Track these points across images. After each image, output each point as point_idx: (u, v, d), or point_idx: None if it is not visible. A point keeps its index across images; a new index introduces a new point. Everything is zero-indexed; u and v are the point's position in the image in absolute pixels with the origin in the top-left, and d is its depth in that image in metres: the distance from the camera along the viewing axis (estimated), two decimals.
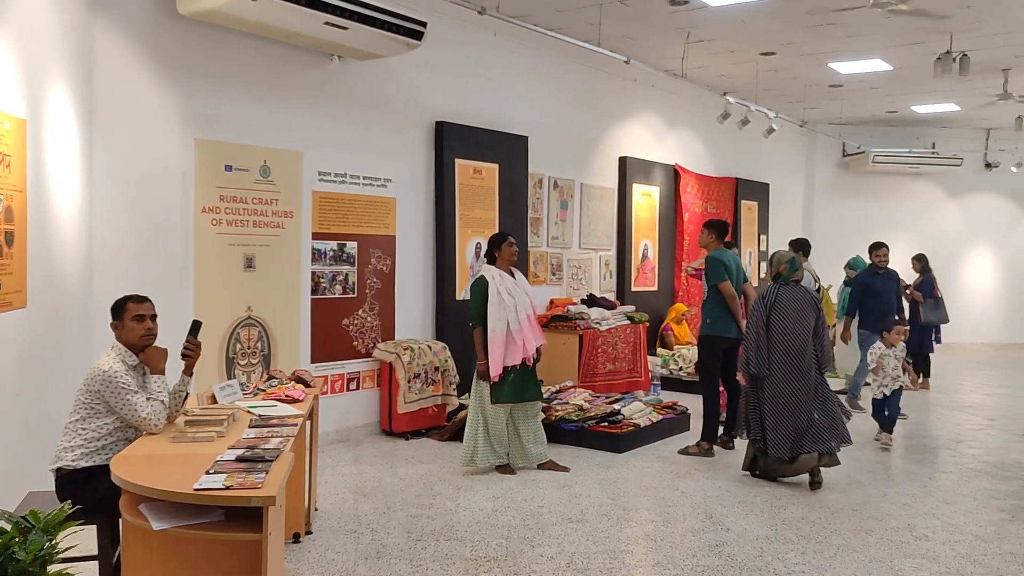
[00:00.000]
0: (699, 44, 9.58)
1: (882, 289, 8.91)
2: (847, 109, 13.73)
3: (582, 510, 5.58)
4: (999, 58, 10.14)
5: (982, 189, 16.09)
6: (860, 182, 15.50)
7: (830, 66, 10.66)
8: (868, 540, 5.10)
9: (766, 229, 13.68)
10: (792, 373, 6.14)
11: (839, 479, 6.48)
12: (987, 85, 11.44)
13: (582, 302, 9.45)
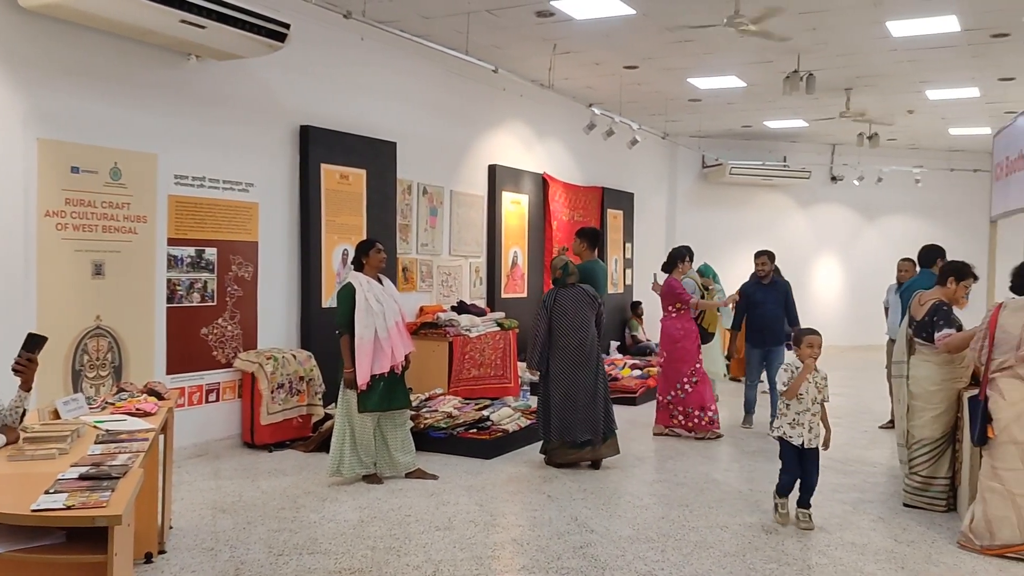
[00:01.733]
0: (566, 56, 9.79)
1: (763, 300, 8.57)
2: (706, 122, 14.34)
3: (449, 517, 5.58)
4: (842, 78, 10.81)
5: (829, 200, 17.12)
6: (719, 192, 16.20)
7: (689, 81, 11.10)
8: (723, 536, 5.32)
9: (631, 237, 14.09)
10: (572, 367, 6.82)
11: (696, 478, 6.74)
12: (831, 103, 12.18)
13: (452, 309, 9.46)
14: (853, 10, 8.05)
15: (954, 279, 6.02)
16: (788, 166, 16.07)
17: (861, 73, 10.58)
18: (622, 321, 13.35)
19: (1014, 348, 5.02)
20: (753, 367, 8.75)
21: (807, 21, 8.35)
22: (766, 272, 8.66)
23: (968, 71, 10.38)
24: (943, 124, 14.23)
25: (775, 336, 8.51)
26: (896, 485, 6.44)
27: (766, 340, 8.57)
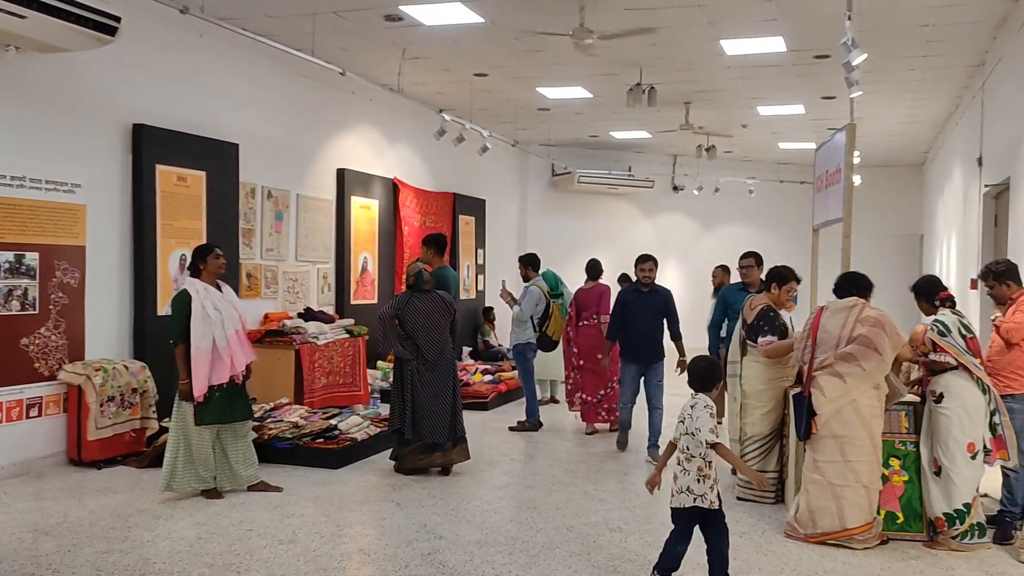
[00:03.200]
0: (415, 61, 9.75)
1: (640, 311, 7.61)
2: (555, 131, 14.65)
3: (294, 530, 5.42)
4: (681, 92, 11.31)
5: (671, 209, 17.86)
6: (568, 200, 16.58)
7: (538, 90, 11.31)
8: (569, 536, 5.42)
9: (483, 243, 14.19)
10: (425, 369, 6.83)
11: (545, 480, 6.85)
12: (672, 116, 12.71)
13: (299, 316, 9.22)
14: (690, 28, 8.44)
15: (776, 284, 6.43)
16: (633, 175, 16.65)
17: (699, 88, 11.10)
18: (474, 326, 13.41)
19: (834, 347, 5.38)
20: (628, 386, 7.79)
21: (648, 37, 8.69)
22: (651, 280, 7.73)
23: (794, 89, 11.09)
24: (773, 139, 15.14)
25: (653, 351, 7.62)
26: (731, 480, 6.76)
27: (643, 356, 7.65)
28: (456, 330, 7.12)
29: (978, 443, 5.29)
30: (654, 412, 7.63)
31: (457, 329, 7.16)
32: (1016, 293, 5.60)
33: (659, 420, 7.64)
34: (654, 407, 7.64)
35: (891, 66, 9.77)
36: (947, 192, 13.20)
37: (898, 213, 18.08)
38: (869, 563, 5.01)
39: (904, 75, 10.28)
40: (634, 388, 7.78)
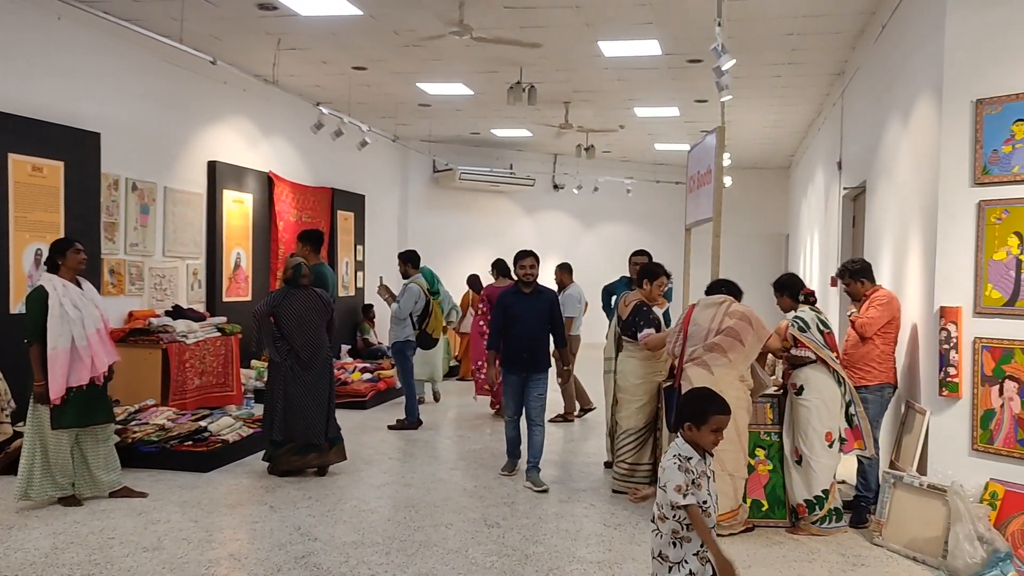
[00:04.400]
0: (291, 52, 9.50)
1: (523, 313, 6.73)
2: (436, 128, 14.59)
3: (159, 537, 5.19)
4: (561, 92, 11.45)
5: (551, 207, 18.09)
6: (450, 197, 16.54)
7: (418, 86, 11.22)
8: (447, 533, 5.40)
9: (362, 239, 13.98)
10: (299, 368, 6.66)
11: (423, 478, 6.81)
12: (553, 115, 12.86)
13: (167, 314, 8.82)
14: (569, 28, 8.54)
15: (648, 281, 6.61)
16: (514, 173, 16.77)
17: (578, 88, 11.27)
18: (353, 324, 13.20)
19: (703, 340, 5.57)
20: (513, 398, 6.82)
21: (528, 36, 8.74)
22: (533, 279, 6.81)
23: (669, 92, 11.41)
24: (650, 140, 15.55)
25: (538, 360, 6.70)
26: (608, 473, 6.91)
27: (526, 364, 6.69)
28: (333, 329, 6.97)
29: (835, 433, 5.57)
30: (534, 430, 6.72)
31: (334, 328, 7.01)
32: (870, 290, 5.93)
33: (540, 439, 6.73)
34: (534, 424, 6.72)
35: (759, 72, 10.18)
36: (810, 194, 13.88)
37: (766, 213, 18.90)
38: (735, 549, 5.20)
39: (771, 81, 10.72)
40: (518, 400, 6.81)
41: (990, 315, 5.14)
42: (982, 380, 5.14)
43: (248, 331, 9.14)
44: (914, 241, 6.07)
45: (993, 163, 5.13)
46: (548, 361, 6.82)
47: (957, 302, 5.27)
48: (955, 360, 5.23)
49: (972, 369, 5.19)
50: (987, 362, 5.11)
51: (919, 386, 5.75)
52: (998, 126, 5.11)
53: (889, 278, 6.73)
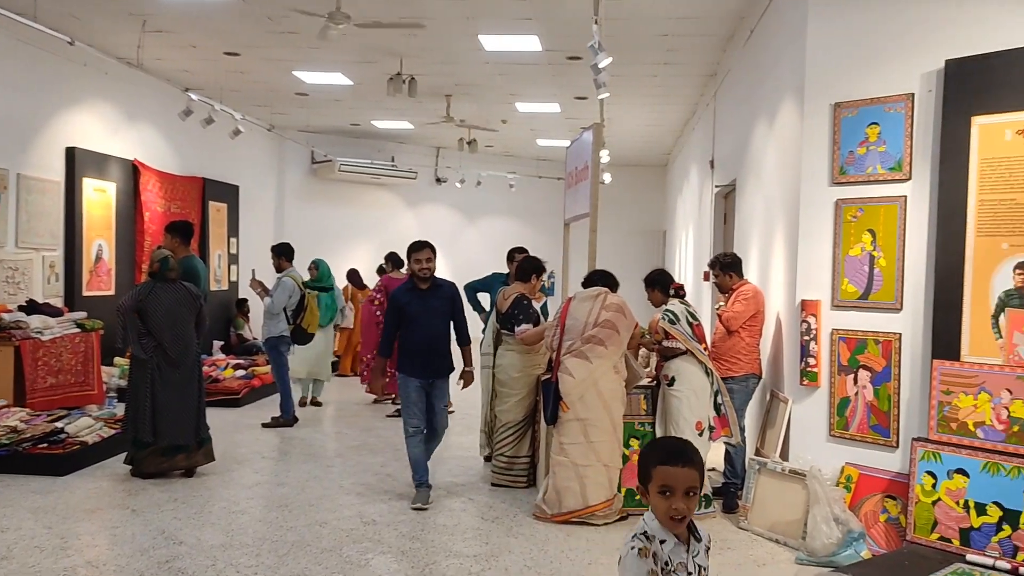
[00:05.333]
0: (157, 35, 9.06)
1: (420, 311, 5.94)
2: (314, 118, 14.25)
3: (8, 546, 4.86)
4: (442, 84, 11.38)
5: (434, 201, 17.98)
6: (329, 189, 16.20)
7: (295, 74, 10.92)
8: (321, 532, 5.28)
9: (236, 232, 13.51)
10: (168, 367, 6.40)
11: (298, 477, 6.63)
12: (434, 107, 12.77)
13: (20, 309, 8.26)
14: (449, 21, 8.49)
15: (536, 275, 6.67)
16: (396, 166, 16.58)
17: (459, 81, 11.22)
18: (226, 319, 12.75)
19: (580, 333, 5.64)
20: (414, 406, 5.97)
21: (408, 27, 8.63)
22: (430, 273, 6.02)
23: (550, 88, 11.51)
24: (532, 135, 15.67)
25: (440, 363, 5.99)
26: (487, 467, 6.91)
27: (427, 368, 5.94)
28: (203, 325, 6.69)
29: (705, 422, 5.75)
30: (431, 441, 6.15)
31: (205, 323, 6.72)
32: (736, 284, 6.15)
33: (434, 445, 6.22)
34: (434, 427, 6.09)
35: (636, 71, 10.39)
36: (685, 191, 14.31)
37: (644, 210, 19.38)
38: (610, 538, 5.29)
39: (648, 80, 10.97)
40: (420, 409, 5.98)
41: (846, 308, 5.40)
42: (838, 369, 5.40)
43: (111, 327, 8.65)
44: (778, 237, 6.32)
45: (849, 164, 5.40)
46: (452, 364, 6.06)
47: (817, 295, 5.52)
48: (814, 351, 5.48)
49: (830, 359, 5.45)
50: (843, 352, 5.38)
51: (782, 376, 6.00)
52: (854, 129, 5.37)
53: (756, 272, 6.99)
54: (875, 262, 5.27)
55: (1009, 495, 4.42)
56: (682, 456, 2.34)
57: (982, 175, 4.75)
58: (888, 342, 5.17)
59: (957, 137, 4.86)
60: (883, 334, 5.20)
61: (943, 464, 4.70)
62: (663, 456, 2.35)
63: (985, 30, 4.84)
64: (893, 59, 5.23)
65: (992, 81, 4.73)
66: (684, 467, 2.32)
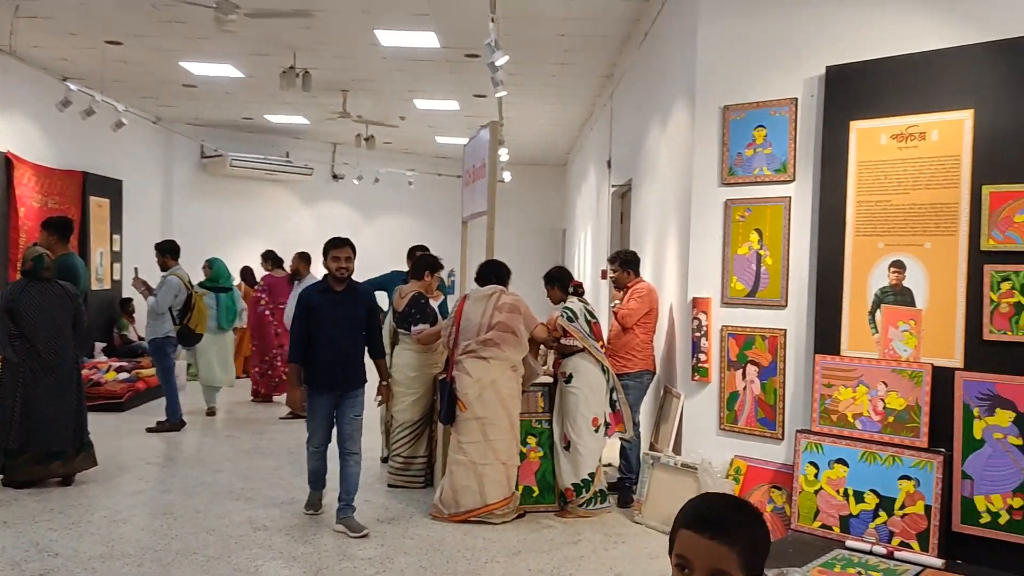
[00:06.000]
0: (32, 20, 8.56)
1: (332, 317, 5.37)
2: (204, 111, 13.77)
3: None
4: (338, 79, 11.17)
5: (330, 198, 17.65)
6: (220, 185, 15.68)
7: (182, 65, 10.52)
8: (208, 540, 5.09)
9: (120, 228, 12.92)
10: (42, 370, 6.09)
11: (185, 482, 6.39)
12: (330, 103, 12.52)
13: None
14: (344, 14, 8.33)
15: (430, 272, 6.61)
16: (291, 162, 16.18)
17: (356, 77, 11.04)
18: (109, 320, 12.18)
19: (476, 334, 5.62)
20: (320, 423, 5.48)
21: (302, 19, 8.43)
22: (348, 275, 5.49)
23: (449, 85, 11.45)
24: (431, 132, 15.56)
25: (353, 375, 5.43)
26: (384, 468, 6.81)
27: (338, 380, 5.39)
28: (81, 326, 6.35)
29: (601, 418, 5.82)
30: (348, 459, 5.45)
31: (83, 325, 6.38)
32: (632, 282, 6.25)
33: (356, 471, 5.48)
34: (348, 452, 5.45)
35: (534, 71, 10.44)
36: (584, 191, 14.48)
37: (544, 208, 19.53)
38: (507, 536, 5.30)
39: (546, 80, 11.04)
40: (327, 426, 5.51)
41: (735, 305, 5.56)
42: (728, 365, 5.55)
43: None
44: (671, 236, 6.46)
45: (738, 165, 5.55)
46: (365, 374, 5.52)
47: (707, 293, 5.66)
48: (705, 347, 5.61)
49: (719, 355, 5.60)
50: (732, 348, 5.53)
51: (675, 372, 6.13)
52: (742, 131, 5.53)
53: (651, 271, 7.13)
54: (762, 261, 5.44)
55: (885, 483, 4.63)
56: (712, 524, 1.66)
57: (860, 177, 4.96)
58: (774, 338, 5.35)
59: (837, 141, 5.05)
60: (769, 330, 5.37)
61: (825, 455, 4.88)
62: (689, 517, 1.70)
63: (864, 38, 5.04)
64: (778, 64, 5.41)
65: (869, 87, 4.94)
66: (712, 539, 1.64)
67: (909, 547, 4.46)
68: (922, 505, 4.48)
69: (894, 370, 4.73)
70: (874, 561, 4.34)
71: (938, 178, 4.65)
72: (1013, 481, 4.27)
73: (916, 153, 4.74)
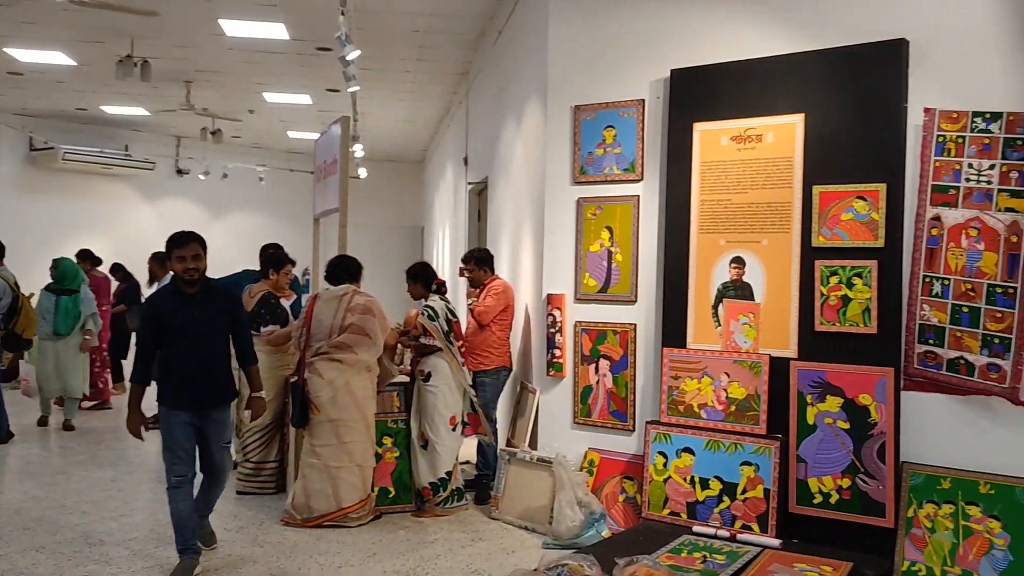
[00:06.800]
0: None
1: (187, 324, 4.54)
2: (32, 100, 12.84)
3: None
4: (180, 69, 10.66)
5: (175, 194, 16.83)
6: (52, 179, 14.64)
7: (6, 51, 9.76)
8: (38, 558, 4.74)
9: None
10: None
11: (13, 498, 5.94)
12: (173, 94, 11.94)
13: None
14: (185, 2, 7.95)
15: (274, 270, 6.40)
16: (131, 156, 15.32)
17: (200, 67, 10.58)
18: None
19: (327, 335, 5.49)
20: (181, 446, 4.54)
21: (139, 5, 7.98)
22: (197, 276, 4.61)
23: (300, 79, 11.15)
24: (282, 127, 15.12)
25: (217, 390, 4.67)
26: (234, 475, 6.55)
27: (199, 398, 4.59)
28: None
29: (459, 416, 5.81)
30: (212, 482, 4.83)
31: None
32: (488, 279, 6.27)
33: (217, 494, 4.93)
34: (214, 474, 4.79)
35: (389, 66, 10.32)
36: (442, 188, 14.45)
37: (403, 206, 19.36)
38: (362, 539, 5.20)
39: (401, 76, 10.94)
40: (189, 449, 4.60)
41: (588, 301, 5.67)
42: (581, 360, 5.66)
43: None
44: (527, 234, 6.52)
45: (589, 164, 5.67)
46: (234, 389, 4.87)
47: (561, 289, 5.75)
48: (560, 342, 5.71)
49: (573, 350, 5.70)
50: (585, 343, 5.65)
51: (531, 368, 6.20)
52: (592, 131, 5.65)
53: (507, 268, 7.18)
54: (613, 257, 5.58)
55: (728, 469, 4.85)
56: None
57: (703, 177, 5.16)
58: (625, 332, 5.49)
59: (681, 142, 5.24)
60: (620, 325, 5.52)
61: (673, 444, 5.06)
62: None
63: (707, 43, 5.24)
64: (627, 66, 5.56)
65: (710, 91, 5.15)
66: None
67: (750, 529, 4.69)
68: (762, 489, 4.72)
69: (735, 361, 4.95)
70: (719, 544, 4.53)
71: (773, 178, 4.91)
72: (842, 463, 4.56)
73: (754, 154, 4.98)
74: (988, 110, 4.27)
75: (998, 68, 4.29)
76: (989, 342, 4.22)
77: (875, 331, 4.53)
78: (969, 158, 4.31)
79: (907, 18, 4.53)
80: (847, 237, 4.64)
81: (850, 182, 4.63)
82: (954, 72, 4.40)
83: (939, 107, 4.40)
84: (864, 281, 4.57)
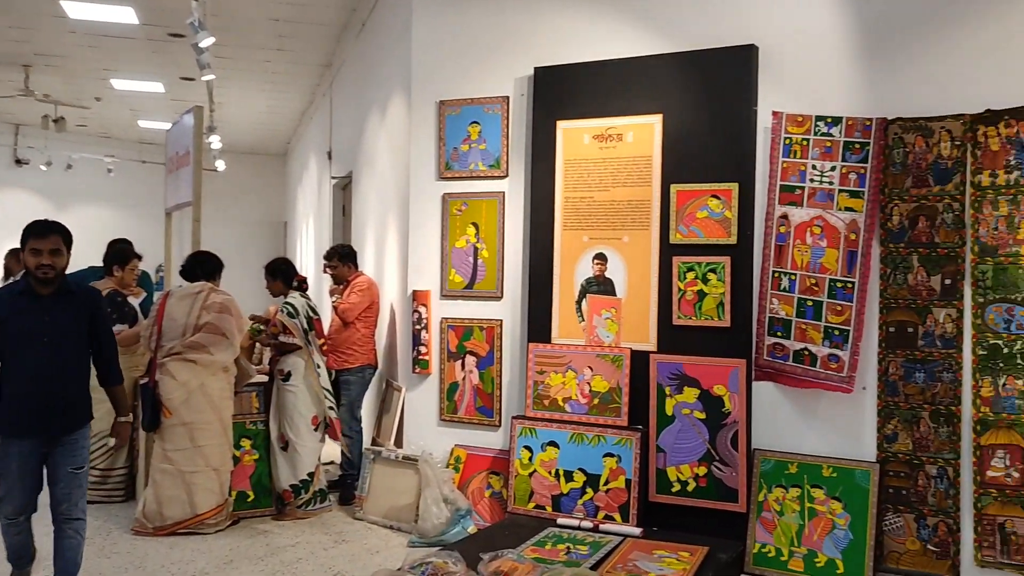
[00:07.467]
0: None
1: (34, 330, 3.81)
2: None
3: None
4: (18, 52, 9.95)
5: (14, 186, 15.71)
6: None
7: None
8: None
9: None
10: None
11: None
12: (10, 79, 11.13)
13: None
14: None
15: (119, 266, 6.06)
16: None
17: (40, 51, 9.91)
18: None
19: (181, 335, 5.23)
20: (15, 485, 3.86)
21: None
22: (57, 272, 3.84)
23: (151, 65, 10.62)
24: (132, 116, 14.36)
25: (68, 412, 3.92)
26: None
27: (46, 421, 3.83)
28: None
29: (320, 416, 5.67)
30: (66, 528, 3.98)
31: None
32: (352, 276, 6.15)
33: (77, 544, 4.03)
34: (66, 518, 3.97)
35: (248, 55, 9.97)
36: (305, 182, 14.09)
37: (264, 200, 18.76)
38: (219, 545, 5.00)
39: (261, 66, 10.59)
40: (30, 486, 3.91)
41: (454, 297, 5.65)
42: (448, 356, 5.63)
43: None
44: (392, 230, 6.44)
45: (454, 160, 5.64)
46: (89, 411, 4.08)
47: (427, 286, 5.70)
48: (426, 339, 5.66)
49: (440, 347, 5.66)
50: (452, 340, 5.62)
51: (397, 365, 6.12)
52: (457, 127, 5.62)
53: (372, 264, 7.06)
54: (479, 254, 5.58)
55: (591, 461, 4.94)
56: None
57: (566, 175, 5.23)
58: (491, 328, 5.50)
59: (545, 139, 5.29)
60: (487, 321, 5.52)
61: (538, 438, 5.11)
62: None
63: (569, 41, 5.29)
64: (491, 62, 5.56)
65: (572, 89, 5.21)
66: None
67: (613, 519, 4.79)
68: (623, 479, 4.83)
69: (598, 355, 5.05)
70: (582, 535, 4.60)
71: (634, 177, 5.03)
72: (698, 452, 4.73)
73: (615, 153, 5.09)
74: (830, 114, 4.51)
75: (839, 74, 4.55)
76: (830, 334, 4.47)
77: (728, 324, 4.72)
78: (813, 160, 4.55)
79: (758, 24, 4.74)
80: (702, 234, 4.80)
81: (705, 181, 4.79)
82: (800, 77, 4.63)
83: (786, 111, 4.62)
84: (718, 276, 4.75)
